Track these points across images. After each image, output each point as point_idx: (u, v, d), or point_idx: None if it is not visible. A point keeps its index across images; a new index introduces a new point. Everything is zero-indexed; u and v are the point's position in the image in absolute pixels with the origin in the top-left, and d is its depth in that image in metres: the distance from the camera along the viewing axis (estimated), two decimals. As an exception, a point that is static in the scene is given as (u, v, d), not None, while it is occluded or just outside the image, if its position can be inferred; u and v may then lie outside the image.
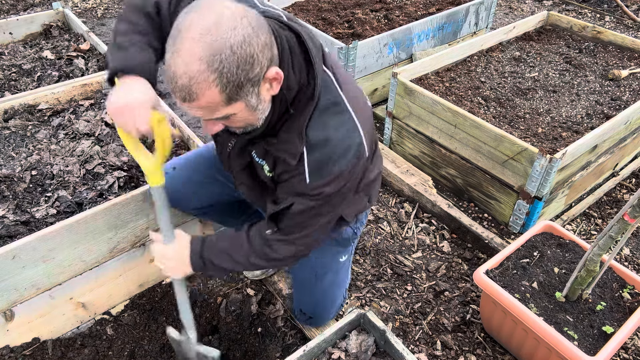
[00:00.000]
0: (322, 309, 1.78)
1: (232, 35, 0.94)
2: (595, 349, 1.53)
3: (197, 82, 0.96)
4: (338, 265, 1.68)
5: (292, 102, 1.16)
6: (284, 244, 1.31)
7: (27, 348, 1.68)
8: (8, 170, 1.87)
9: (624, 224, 1.43)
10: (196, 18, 0.96)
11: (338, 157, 1.17)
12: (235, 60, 0.95)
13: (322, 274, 1.68)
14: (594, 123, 2.45)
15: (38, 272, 1.57)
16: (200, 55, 0.94)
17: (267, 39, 1.01)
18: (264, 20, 1.03)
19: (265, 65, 1.01)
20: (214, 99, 0.99)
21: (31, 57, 2.75)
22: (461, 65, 2.92)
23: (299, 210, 1.23)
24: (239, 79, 0.98)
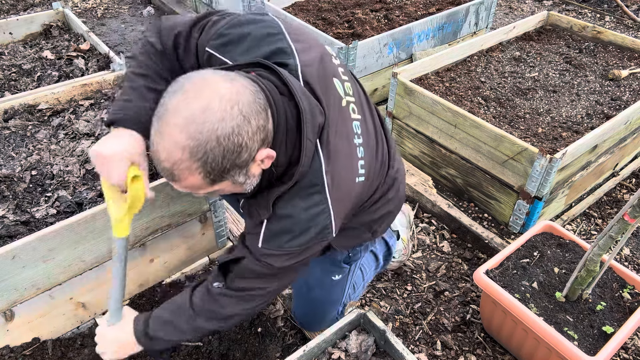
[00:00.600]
0: (311, 319, 1.78)
1: (219, 127, 0.91)
2: (595, 349, 1.53)
3: (180, 169, 0.95)
4: (330, 282, 1.63)
5: (280, 178, 1.14)
6: (231, 299, 1.26)
7: (27, 348, 1.68)
8: (8, 170, 1.87)
9: (624, 224, 1.43)
10: (183, 102, 0.93)
11: (293, 236, 1.13)
12: (221, 151, 0.93)
13: (312, 287, 1.65)
14: (594, 123, 2.45)
15: (38, 272, 1.57)
16: (183, 144, 0.92)
17: (260, 123, 0.98)
18: (260, 99, 0.99)
19: (255, 149, 0.99)
20: (197, 182, 0.99)
21: (31, 57, 2.75)
22: (461, 65, 2.92)
23: (246, 268, 1.22)
24: (224, 167, 0.97)
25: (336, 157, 1.14)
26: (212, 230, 2.05)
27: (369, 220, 1.41)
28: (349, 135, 1.19)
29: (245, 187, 1.09)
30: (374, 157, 1.28)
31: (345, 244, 1.47)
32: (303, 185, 1.11)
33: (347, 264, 1.60)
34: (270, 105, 1.03)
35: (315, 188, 1.11)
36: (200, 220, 1.98)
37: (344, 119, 1.18)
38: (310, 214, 1.12)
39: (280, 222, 1.14)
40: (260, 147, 1.00)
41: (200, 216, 1.96)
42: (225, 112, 0.91)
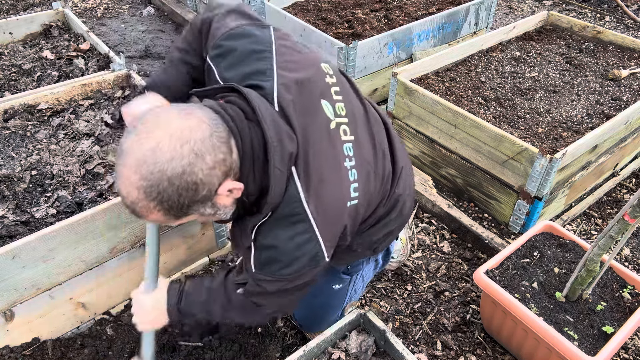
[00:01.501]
0: (310, 322, 1.78)
1: (169, 167, 0.91)
2: (595, 349, 1.53)
3: (140, 207, 0.96)
4: (329, 291, 1.63)
5: (254, 204, 1.13)
6: (251, 308, 1.28)
7: (27, 348, 1.68)
8: (8, 170, 1.87)
9: (624, 224, 1.43)
10: (135, 143, 0.93)
11: (283, 265, 1.12)
12: (175, 190, 0.93)
13: (312, 294, 1.63)
14: (594, 123, 2.45)
15: (38, 272, 1.57)
16: (137, 184, 0.93)
17: (219, 157, 0.96)
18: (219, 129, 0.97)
19: (215, 184, 0.98)
20: (160, 218, 1.00)
21: (31, 57, 2.75)
22: (461, 65, 2.92)
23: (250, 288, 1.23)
24: (182, 204, 0.96)
25: (320, 185, 1.10)
26: (212, 230, 2.05)
27: (368, 241, 1.39)
28: (337, 158, 1.15)
29: (219, 216, 1.09)
30: (371, 177, 1.24)
31: (346, 261, 1.46)
32: (282, 215, 1.09)
33: (347, 274, 1.59)
34: (234, 135, 1.00)
35: (296, 217, 1.08)
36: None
37: (332, 142, 1.14)
38: (296, 243, 1.09)
39: (266, 252, 1.13)
40: (222, 180, 0.99)
41: (200, 216, 1.96)
42: (175, 151, 0.91)
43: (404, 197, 1.42)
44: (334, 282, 1.60)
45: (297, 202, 1.07)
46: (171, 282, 1.40)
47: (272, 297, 1.23)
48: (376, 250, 1.47)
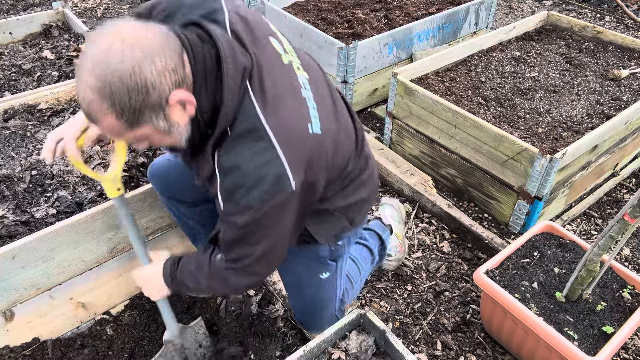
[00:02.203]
0: (308, 318, 1.76)
1: (120, 67, 0.95)
2: (595, 349, 1.53)
3: (94, 109, 1.00)
4: (319, 282, 1.61)
5: (210, 124, 1.12)
6: (233, 272, 1.27)
7: (27, 348, 1.68)
8: (8, 170, 1.87)
9: (624, 224, 1.43)
10: (92, 47, 0.99)
11: (248, 189, 1.09)
12: (125, 90, 0.96)
13: (302, 288, 1.65)
14: (594, 123, 2.45)
15: (38, 272, 1.57)
16: (92, 85, 0.97)
17: (167, 64, 0.99)
18: (171, 41, 1.01)
19: (166, 90, 1.00)
20: (113, 124, 1.02)
21: (31, 57, 2.75)
22: (461, 65, 2.92)
23: (226, 238, 1.21)
24: (134, 107, 0.99)
25: (277, 102, 1.11)
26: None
27: (343, 205, 1.38)
28: (293, 84, 1.16)
29: (173, 136, 1.09)
30: (331, 117, 1.24)
31: (325, 234, 1.42)
32: (241, 132, 1.09)
33: (332, 260, 1.57)
34: (187, 50, 1.04)
35: (256, 134, 1.08)
36: (200, 220, 1.98)
37: (285, 71, 1.17)
38: (258, 162, 1.08)
39: (230, 176, 1.10)
40: (173, 89, 1.01)
41: (200, 216, 1.96)
42: (124, 52, 0.95)
43: (372, 164, 1.46)
44: (320, 272, 1.58)
45: (254, 117, 1.08)
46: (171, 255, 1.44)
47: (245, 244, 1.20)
48: (354, 221, 1.46)
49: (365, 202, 1.48)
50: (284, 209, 1.15)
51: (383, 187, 2.66)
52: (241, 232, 1.17)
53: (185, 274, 1.36)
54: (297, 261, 1.54)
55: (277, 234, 1.22)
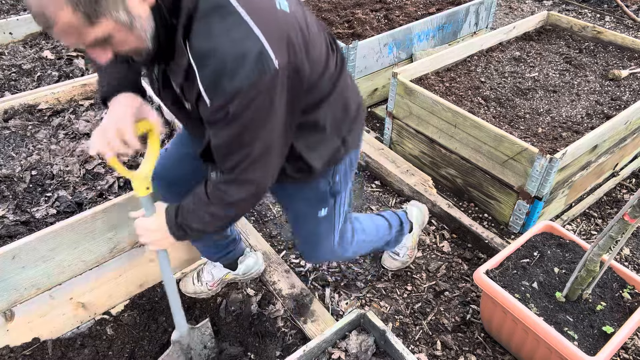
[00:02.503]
0: (308, 252, 1.73)
1: None
2: (595, 349, 1.53)
3: (47, 6, 0.92)
4: (317, 219, 1.57)
5: (174, 11, 1.03)
6: (230, 184, 1.22)
7: (27, 348, 1.68)
8: (8, 170, 1.87)
9: (624, 224, 1.43)
10: None
11: (231, 71, 1.02)
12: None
13: (302, 222, 1.62)
14: (594, 123, 2.45)
15: (38, 272, 1.57)
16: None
17: None
18: None
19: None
20: (71, 20, 0.93)
21: (31, 57, 2.75)
22: (461, 65, 2.92)
23: (219, 144, 1.15)
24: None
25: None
26: (212, 230, 2.05)
27: (333, 117, 1.34)
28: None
29: (136, 32, 1.01)
30: (299, 6, 1.20)
31: (319, 159, 1.39)
32: (207, 11, 1.03)
33: (331, 196, 1.54)
34: None
35: (224, 9, 1.03)
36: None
37: None
38: (233, 39, 1.01)
39: (208, 64, 1.04)
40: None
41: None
42: None
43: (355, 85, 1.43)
44: (318, 207, 1.55)
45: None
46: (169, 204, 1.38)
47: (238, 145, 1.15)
48: (345, 142, 1.42)
49: (355, 121, 1.43)
50: (272, 92, 1.09)
51: (383, 187, 2.66)
52: (233, 129, 1.11)
53: (187, 214, 1.31)
54: (298, 198, 1.53)
55: (270, 129, 1.16)
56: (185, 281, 1.98)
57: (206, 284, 1.94)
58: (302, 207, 1.58)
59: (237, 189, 1.23)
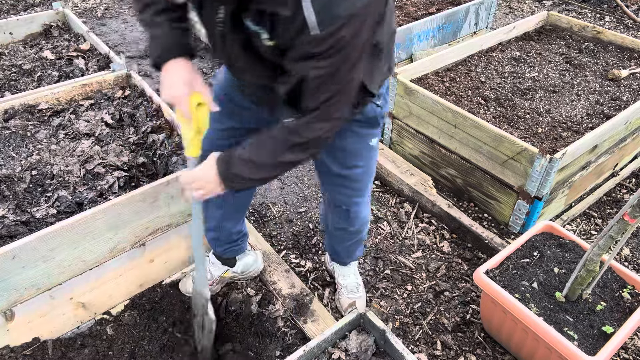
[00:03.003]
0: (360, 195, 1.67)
1: None
2: (595, 349, 1.53)
3: None
4: (369, 151, 1.54)
5: None
6: (307, 125, 1.17)
7: (27, 348, 1.68)
8: (8, 170, 1.87)
9: (624, 224, 1.43)
10: None
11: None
12: None
13: (351, 164, 1.56)
14: (594, 123, 2.45)
15: (38, 272, 1.57)
16: None
17: None
18: None
19: None
20: None
21: (31, 57, 2.75)
22: (461, 65, 2.92)
23: (314, 77, 1.07)
24: None
25: None
26: (212, 230, 2.05)
27: (387, 36, 1.29)
28: None
29: None
30: None
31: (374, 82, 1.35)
32: None
33: (378, 125, 1.52)
34: None
35: None
36: (200, 220, 1.98)
37: None
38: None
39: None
40: None
41: (200, 216, 1.96)
42: None
43: None
44: (369, 137, 1.53)
45: None
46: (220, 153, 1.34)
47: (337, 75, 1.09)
48: (390, 66, 1.41)
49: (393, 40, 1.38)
50: (375, 14, 1.07)
51: (383, 187, 2.66)
52: (338, 57, 1.05)
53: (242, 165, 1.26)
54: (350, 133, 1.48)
55: (361, 56, 1.12)
56: (184, 281, 1.98)
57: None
58: (354, 142, 1.52)
59: (312, 128, 1.18)
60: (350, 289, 1.99)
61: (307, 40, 1.02)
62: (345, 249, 1.92)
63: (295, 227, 2.40)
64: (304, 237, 2.34)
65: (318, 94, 1.12)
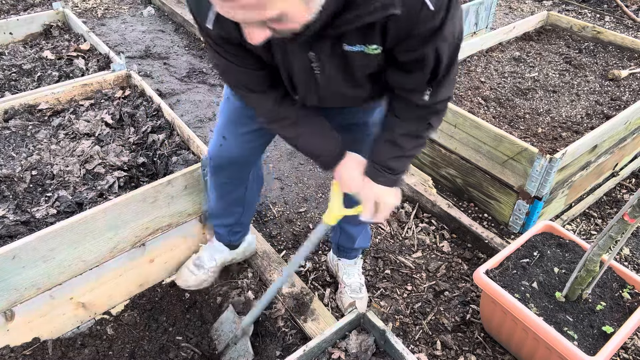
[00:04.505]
0: None
1: None
2: (595, 348, 1.53)
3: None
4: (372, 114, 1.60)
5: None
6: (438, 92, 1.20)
7: (27, 348, 1.68)
8: (8, 170, 1.87)
9: (624, 224, 1.43)
10: None
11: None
12: None
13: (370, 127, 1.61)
14: (594, 123, 2.45)
15: (38, 272, 1.57)
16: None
17: None
18: None
19: None
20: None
21: (31, 57, 2.75)
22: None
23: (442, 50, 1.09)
24: None
25: None
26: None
27: None
28: None
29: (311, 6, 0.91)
30: None
31: None
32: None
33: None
34: None
35: None
36: (200, 220, 1.98)
37: None
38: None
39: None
40: None
41: (200, 216, 1.96)
42: None
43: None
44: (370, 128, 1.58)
45: None
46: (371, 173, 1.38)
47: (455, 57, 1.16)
48: None
49: None
50: None
51: (383, 187, 2.66)
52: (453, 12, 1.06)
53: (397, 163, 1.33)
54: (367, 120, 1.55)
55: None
56: (182, 276, 1.95)
57: (208, 270, 1.94)
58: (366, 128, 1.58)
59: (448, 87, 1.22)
60: (354, 289, 2.00)
61: (428, 17, 1.01)
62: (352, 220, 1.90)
63: (295, 227, 2.40)
64: (304, 237, 2.34)
65: (446, 61, 1.13)
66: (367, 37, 1.07)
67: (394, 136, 1.31)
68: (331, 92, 1.28)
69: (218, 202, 1.80)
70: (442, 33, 1.05)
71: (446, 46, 1.09)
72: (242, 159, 1.64)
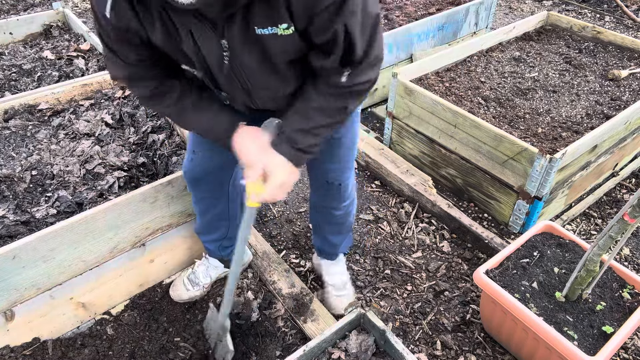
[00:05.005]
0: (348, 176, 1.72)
1: None
2: (595, 348, 1.53)
3: None
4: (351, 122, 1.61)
5: None
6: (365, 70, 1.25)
7: (27, 348, 1.68)
8: (8, 170, 1.88)
9: (624, 224, 1.43)
10: None
11: None
12: None
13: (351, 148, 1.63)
14: (594, 123, 2.45)
15: (38, 272, 1.57)
16: None
17: None
18: None
19: None
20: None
21: (31, 57, 2.75)
22: (461, 65, 2.93)
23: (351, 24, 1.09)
24: None
25: None
26: (212, 230, 2.05)
27: None
28: None
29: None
30: None
31: None
32: None
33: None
34: None
35: None
36: (200, 220, 1.98)
37: None
38: None
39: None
40: None
41: (200, 216, 1.96)
42: None
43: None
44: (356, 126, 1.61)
45: None
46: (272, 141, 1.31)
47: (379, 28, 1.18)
48: None
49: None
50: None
51: (383, 187, 2.66)
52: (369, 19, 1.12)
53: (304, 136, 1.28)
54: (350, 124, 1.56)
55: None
56: (176, 290, 1.95)
57: (202, 287, 1.94)
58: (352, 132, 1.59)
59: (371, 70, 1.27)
60: (338, 287, 1.99)
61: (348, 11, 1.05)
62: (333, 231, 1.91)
63: (295, 227, 2.40)
64: (304, 237, 2.34)
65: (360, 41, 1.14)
66: (274, 17, 1.06)
67: (306, 108, 1.28)
68: (254, 85, 1.25)
69: (202, 218, 1.79)
70: (347, 6, 1.05)
71: (356, 22, 1.09)
72: (215, 171, 1.63)
